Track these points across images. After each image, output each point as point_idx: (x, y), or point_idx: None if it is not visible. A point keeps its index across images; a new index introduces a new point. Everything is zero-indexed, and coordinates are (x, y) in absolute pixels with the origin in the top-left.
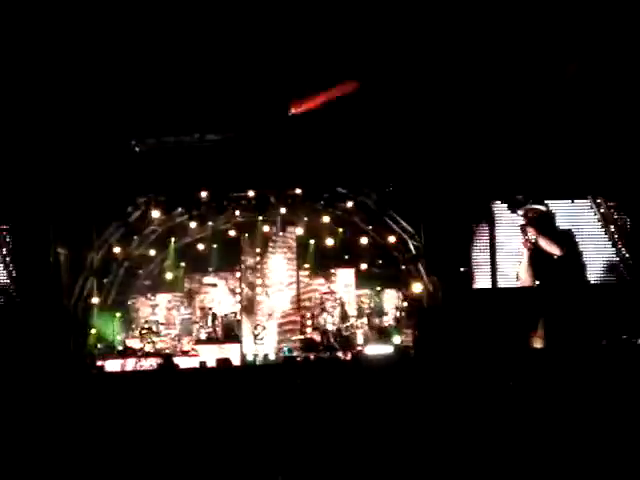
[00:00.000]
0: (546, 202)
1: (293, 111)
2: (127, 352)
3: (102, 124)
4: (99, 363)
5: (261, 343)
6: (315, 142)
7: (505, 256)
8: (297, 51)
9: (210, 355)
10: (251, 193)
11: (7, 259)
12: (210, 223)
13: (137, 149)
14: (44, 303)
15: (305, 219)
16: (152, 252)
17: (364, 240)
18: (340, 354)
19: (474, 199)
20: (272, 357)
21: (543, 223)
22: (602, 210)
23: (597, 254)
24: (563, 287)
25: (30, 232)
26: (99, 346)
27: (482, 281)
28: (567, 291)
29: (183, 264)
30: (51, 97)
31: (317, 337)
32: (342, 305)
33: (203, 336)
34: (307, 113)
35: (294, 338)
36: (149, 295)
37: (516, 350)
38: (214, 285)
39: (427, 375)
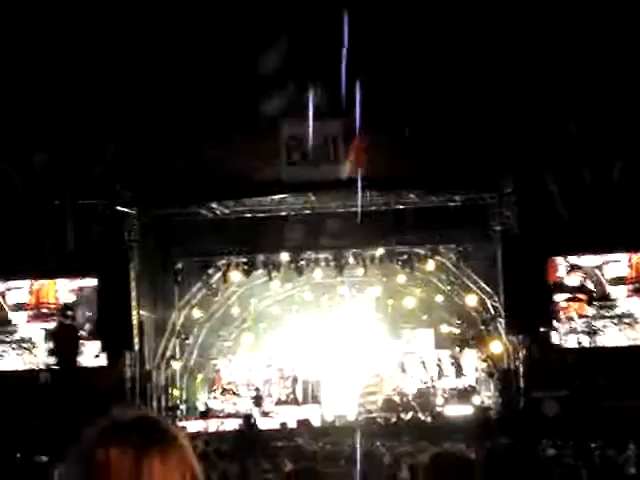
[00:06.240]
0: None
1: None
2: (209, 413)
3: (184, 188)
4: (181, 424)
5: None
6: (391, 202)
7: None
8: None
9: (290, 416)
10: (329, 255)
11: (93, 322)
12: (289, 284)
13: (218, 212)
14: (127, 365)
15: (384, 280)
16: (233, 313)
17: (443, 300)
18: (420, 415)
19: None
20: (352, 418)
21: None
22: None
23: None
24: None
25: (114, 294)
26: (181, 407)
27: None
28: None
29: (263, 325)
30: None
31: (397, 398)
32: (422, 365)
33: (284, 397)
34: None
35: (374, 399)
36: (230, 356)
37: (600, 411)
38: (294, 346)
39: (509, 438)
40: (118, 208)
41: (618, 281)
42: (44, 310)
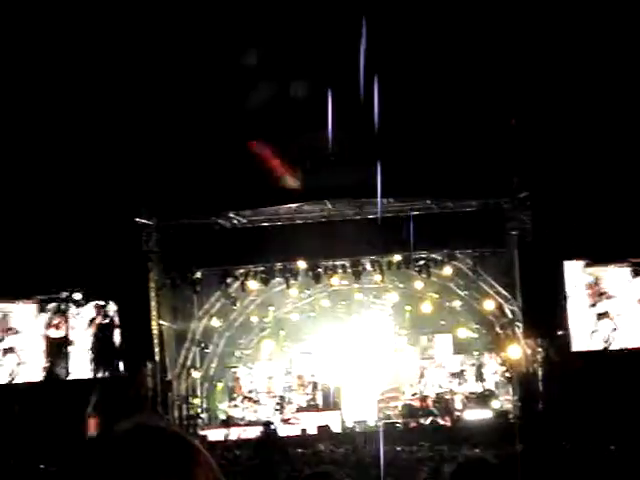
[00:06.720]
0: None
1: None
2: (229, 421)
3: (201, 198)
4: (202, 433)
5: None
6: (406, 208)
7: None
8: None
9: (310, 422)
10: (346, 262)
11: (113, 333)
12: (307, 292)
13: (236, 221)
14: (148, 375)
15: (401, 286)
16: (252, 321)
17: (460, 305)
18: (439, 419)
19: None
20: (371, 424)
21: None
22: None
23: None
24: None
25: (133, 306)
26: (202, 416)
27: (581, 344)
28: None
29: (282, 332)
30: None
31: (416, 403)
32: (441, 370)
33: (304, 404)
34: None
35: (393, 404)
36: (250, 364)
37: (619, 414)
38: (312, 353)
39: (531, 441)
40: (136, 219)
41: None
42: None
